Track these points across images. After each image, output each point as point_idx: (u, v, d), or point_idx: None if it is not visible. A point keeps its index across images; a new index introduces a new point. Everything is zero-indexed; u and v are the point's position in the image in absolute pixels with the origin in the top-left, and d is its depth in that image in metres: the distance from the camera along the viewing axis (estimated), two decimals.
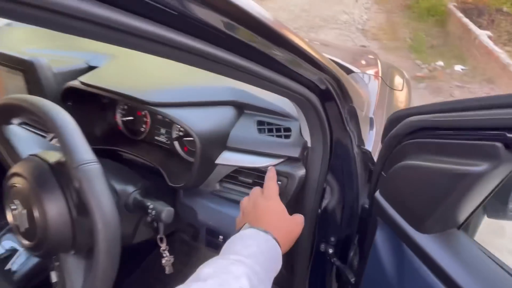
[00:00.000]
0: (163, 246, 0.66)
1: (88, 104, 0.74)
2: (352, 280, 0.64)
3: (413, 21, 5.93)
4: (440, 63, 4.10)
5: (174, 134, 0.72)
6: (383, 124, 0.78)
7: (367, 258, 0.53)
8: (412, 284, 0.44)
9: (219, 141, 0.61)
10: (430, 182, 0.36)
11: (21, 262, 0.81)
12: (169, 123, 0.72)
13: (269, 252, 0.45)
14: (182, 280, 0.38)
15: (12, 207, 0.50)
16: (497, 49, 3.63)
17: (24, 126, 0.83)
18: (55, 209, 0.47)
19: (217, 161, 0.61)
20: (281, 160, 0.59)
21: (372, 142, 0.69)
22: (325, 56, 0.48)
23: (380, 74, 0.92)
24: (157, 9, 0.26)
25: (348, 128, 0.57)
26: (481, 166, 0.29)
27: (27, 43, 0.88)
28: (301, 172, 0.58)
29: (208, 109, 0.63)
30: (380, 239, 0.49)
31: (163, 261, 0.68)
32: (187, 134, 0.68)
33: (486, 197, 0.34)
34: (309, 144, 0.59)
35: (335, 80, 0.50)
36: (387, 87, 0.92)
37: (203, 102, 0.63)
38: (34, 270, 0.78)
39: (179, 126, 0.69)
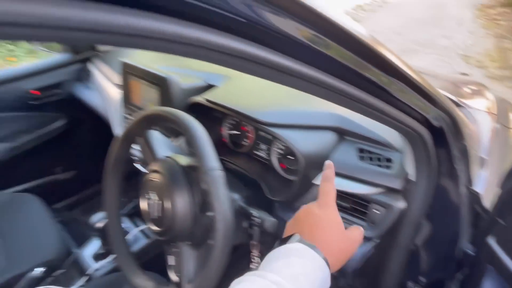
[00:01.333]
0: (255, 252, 0.72)
1: (203, 116, 0.86)
2: None
3: None
4: None
5: (274, 151, 0.78)
6: (495, 165, 0.73)
7: None
8: None
9: (319, 163, 0.65)
10: None
11: (135, 240, 0.98)
12: (270, 140, 0.79)
13: (315, 273, 0.40)
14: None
15: (148, 197, 0.61)
16: None
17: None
18: (182, 204, 0.57)
19: (315, 181, 0.65)
20: (381, 190, 0.60)
21: (483, 183, 0.65)
22: (439, 90, 0.49)
23: (493, 110, 0.85)
24: (261, 32, 0.27)
25: (457, 167, 0.56)
26: None
27: (157, 61, 1.05)
28: (401, 204, 0.58)
29: (311, 132, 0.68)
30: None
31: (251, 266, 0.74)
32: (287, 153, 0.74)
33: None
34: (412, 178, 0.58)
35: (450, 117, 0.50)
36: (500, 125, 0.85)
37: (307, 125, 0.68)
38: (146, 248, 0.93)
39: (279, 144, 0.76)
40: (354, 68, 0.34)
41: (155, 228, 0.61)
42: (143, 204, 0.62)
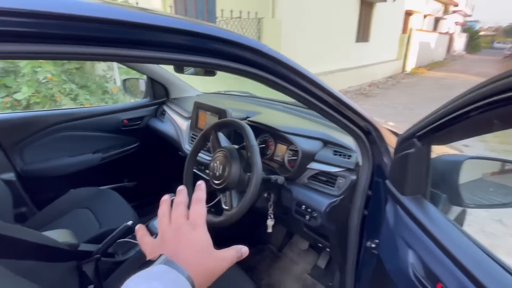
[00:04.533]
0: (271, 210, 1.18)
1: None
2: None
3: None
4: None
5: (286, 156, 1.28)
6: None
7: (383, 224, 0.93)
8: (404, 231, 0.83)
9: (310, 156, 1.15)
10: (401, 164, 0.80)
11: None
12: (282, 149, 1.29)
13: None
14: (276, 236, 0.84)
15: (215, 164, 1.12)
16: None
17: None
18: (235, 168, 1.07)
19: (308, 166, 1.14)
20: (343, 169, 1.08)
21: None
22: (369, 114, 1.00)
23: None
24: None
25: (383, 158, 1.03)
26: (409, 150, 0.74)
27: (215, 103, 1.64)
28: (353, 177, 1.05)
29: (308, 139, 1.19)
30: (388, 209, 0.90)
31: (268, 221, 1.19)
32: (293, 156, 1.23)
33: (424, 172, 0.77)
34: (360, 163, 1.06)
35: (373, 127, 1.00)
36: None
37: (306, 135, 1.20)
38: None
39: (291, 152, 1.25)
40: (321, 96, 0.85)
41: (216, 181, 1.10)
42: (212, 168, 1.13)
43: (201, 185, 0.52)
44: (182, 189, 0.53)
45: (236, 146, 1.13)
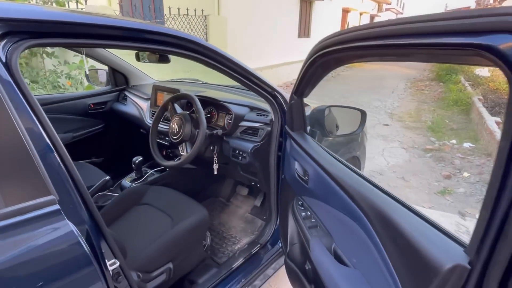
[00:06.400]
0: (215, 157, 1.66)
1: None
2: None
3: (440, 109, 6.72)
4: (453, 141, 4.77)
5: (225, 121, 1.76)
6: None
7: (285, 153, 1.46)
8: (294, 152, 1.36)
9: (241, 117, 1.65)
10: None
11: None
12: (223, 116, 1.78)
13: None
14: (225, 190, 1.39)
15: (173, 125, 1.57)
16: (498, 131, 4.28)
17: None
18: (187, 127, 1.53)
19: (239, 124, 1.64)
20: (262, 124, 1.59)
21: None
22: (276, 86, 1.52)
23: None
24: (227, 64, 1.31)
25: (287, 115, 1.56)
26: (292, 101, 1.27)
27: (169, 85, 2.07)
28: (269, 128, 1.57)
29: (239, 106, 1.69)
30: (287, 142, 1.43)
31: (214, 165, 1.67)
32: (230, 120, 1.72)
33: (302, 116, 1.30)
34: (273, 120, 1.58)
35: (279, 94, 1.52)
36: None
37: (238, 103, 1.70)
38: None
39: (229, 117, 1.74)
40: (240, 71, 1.35)
41: (173, 137, 1.55)
42: (171, 128, 1.58)
43: None
44: None
45: (188, 112, 1.59)
